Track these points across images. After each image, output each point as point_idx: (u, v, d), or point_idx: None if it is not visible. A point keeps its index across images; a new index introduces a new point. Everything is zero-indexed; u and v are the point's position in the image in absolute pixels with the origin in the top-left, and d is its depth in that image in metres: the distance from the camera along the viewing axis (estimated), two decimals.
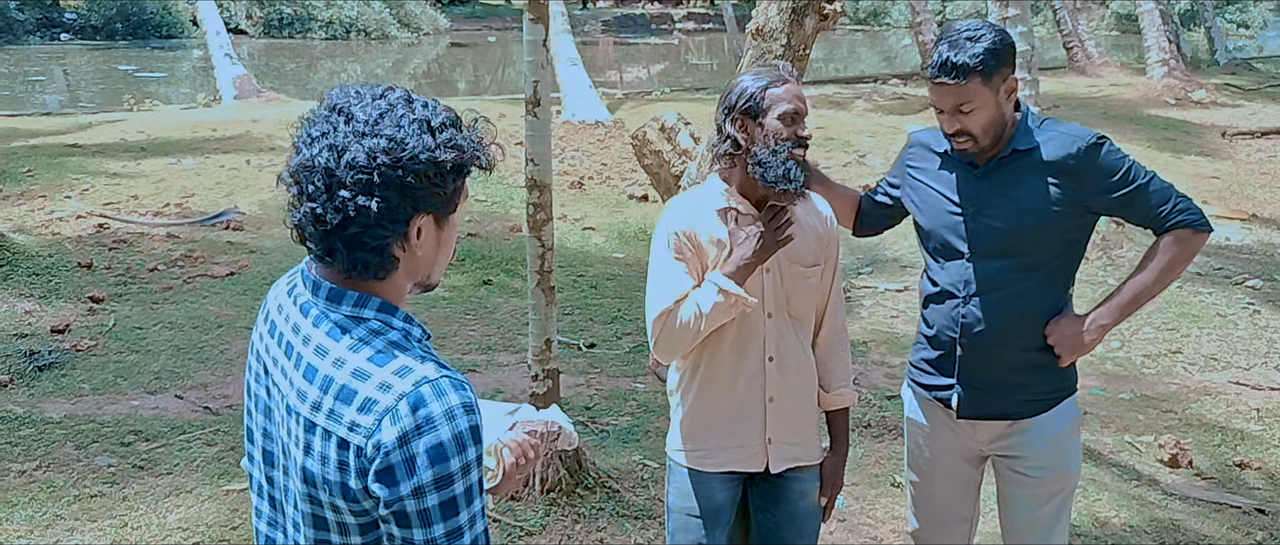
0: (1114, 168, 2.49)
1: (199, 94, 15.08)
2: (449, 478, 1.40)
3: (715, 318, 2.44)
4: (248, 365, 1.66)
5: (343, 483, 1.43)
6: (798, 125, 2.47)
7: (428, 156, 1.43)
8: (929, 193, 2.68)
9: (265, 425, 1.59)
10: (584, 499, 4.04)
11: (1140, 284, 2.57)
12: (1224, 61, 19.04)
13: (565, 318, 6.14)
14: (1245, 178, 10.40)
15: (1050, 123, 2.57)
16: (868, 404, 5.13)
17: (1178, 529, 4.05)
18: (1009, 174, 2.54)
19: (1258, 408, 5.21)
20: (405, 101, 1.47)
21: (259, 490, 1.63)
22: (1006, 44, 2.48)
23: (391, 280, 1.51)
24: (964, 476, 2.80)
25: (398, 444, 1.38)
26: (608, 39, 28.74)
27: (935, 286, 2.69)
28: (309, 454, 1.45)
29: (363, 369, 1.43)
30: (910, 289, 7.02)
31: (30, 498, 4.05)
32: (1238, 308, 6.53)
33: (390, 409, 1.39)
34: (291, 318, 1.54)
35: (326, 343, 1.47)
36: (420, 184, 1.43)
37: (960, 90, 2.45)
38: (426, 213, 1.47)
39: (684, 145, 6.02)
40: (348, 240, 1.43)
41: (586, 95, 12.70)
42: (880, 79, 17.84)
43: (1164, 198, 2.51)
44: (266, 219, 8.18)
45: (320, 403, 1.44)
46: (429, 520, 1.40)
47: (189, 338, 5.80)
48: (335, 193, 1.41)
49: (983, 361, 2.61)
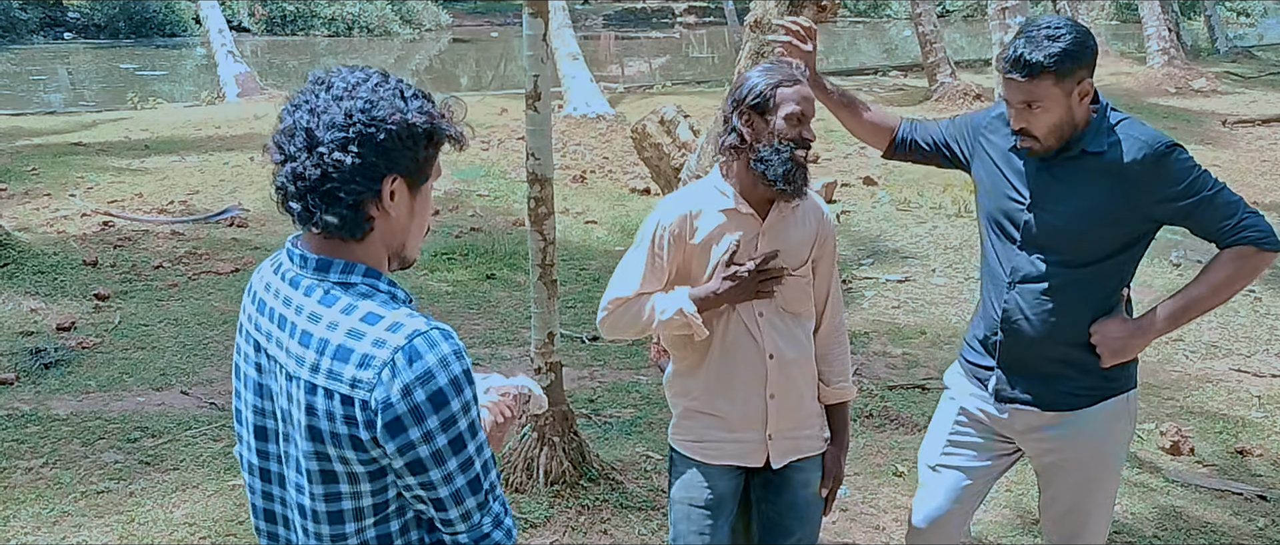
0: (1179, 178, 2.43)
1: (202, 92, 15.10)
2: (452, 419, 1.52)
3: (666, 328, 2.53)
4: (236, 348, 1.72)
5: (352, 435, 1.52)
6: (803, 127, 2.48)
7: (400, 117, 1.54)
8: (994, 171, 2.64)
9: (256, 403, 1.65)
10: (587, 491, 4.06)
11: (1193, 296, 2.52)
12: (1224, 50, 18.98)
13: (568, 311, 6.16)
14: (1246, 165, 10.40)
15: (1127, 124, 2.50)
16: (869, 394, 5.14)
17: (1179, 516, 4.07)
18: (1074, 173, 2.49)
19: (1259, 395, 5.22)
20: (381, 76, 1.58)
21: (251, 469, 1.70)
22: (1086, 46, 2.42)
23: (370, 246, 1.60)
24: (985, 462, 2.76)
25: (401, 395, 1.48)
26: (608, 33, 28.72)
27: (986, 262, 2.68)
28: (313, 415, 1.54)
29: (356, 329, 1.53)
30: (911, 280, 7.03)
31: (37, 494, 4.08)
32: (1239, 296, 6.52)
33: (387, 362, 1.49)
34: (281, 293, 1.62)
35: (318, 309, 1.56)
36: (393, 144, 1.54)
37: (1031, 88, 2.40)
38: (399, 175, 1.56)
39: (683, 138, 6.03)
40: (325, 195, 1.53)
41: (587, 89, 12.70)
42: (880, 71, 17.84)
43: (1229, 212, 2.44)
44: (270, 216, 8.20)
45: (319, 364, 1.53)
46: (443, 458, 1.53)
47: (194, 334, 5.83)
48: (314, 150, 1.52)
49: (1023, 350, 2.59)
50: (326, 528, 1.60)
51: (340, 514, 1.59)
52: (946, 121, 2.86)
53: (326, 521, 1.60)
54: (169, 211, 8.23)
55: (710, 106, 8.56)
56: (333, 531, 1.61)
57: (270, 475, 1.67)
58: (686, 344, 2.60)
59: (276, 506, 1.69)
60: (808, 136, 2.50)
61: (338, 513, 1.59)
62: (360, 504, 1.59)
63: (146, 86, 16.70)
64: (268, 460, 1.67)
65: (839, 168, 9.52)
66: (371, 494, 1.59)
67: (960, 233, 7.88)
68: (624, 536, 3.86)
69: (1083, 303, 2.54)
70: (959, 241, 7.69)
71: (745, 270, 2.48)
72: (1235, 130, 12.15)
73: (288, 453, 1.62)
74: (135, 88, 15.27)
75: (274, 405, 1.63)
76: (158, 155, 10.07)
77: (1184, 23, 18.00)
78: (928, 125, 2.87)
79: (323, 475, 1.57)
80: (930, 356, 5.73)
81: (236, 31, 20.05)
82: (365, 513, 1.60)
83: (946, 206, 8.45)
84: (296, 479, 1.61)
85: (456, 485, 1.55)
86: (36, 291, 6.36)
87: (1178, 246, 7.11)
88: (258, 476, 1.69)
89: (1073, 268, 2.52)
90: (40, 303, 6.19)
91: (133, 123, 11.97)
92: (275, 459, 1.65)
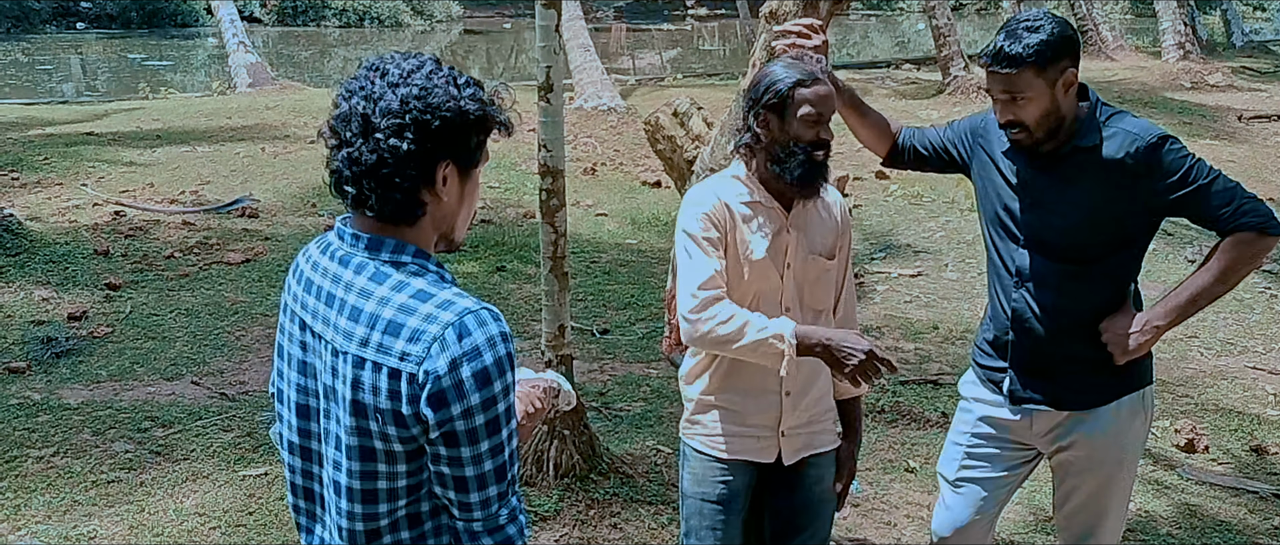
0: (1174, 168, 2.43)
1: (214, 82, 15.13)
2: (493, 399, 1.54)
3: (751, 351, 2.39)
4: (279, 328, 1.75)
5: (395, 410, 1.55)
6: (820, 128, 2.44)
7: (454, 104, 1.57)
8: (992, 173, 2.65)
9: (299, 381, 1.68)
10: (598, 484, 4.05)
11: (1198, 286, 2.50)
12: (1240, 44, 18.86)
13: (578, 304, 6.15)
14: (1262, 161, 10.32)
15: (1118, 118, 2.51)
16: (881, 390, 5.11)
17: (1195, 514, 4.04)
18: (1069, 170, 2.50)
19: (1274, 392, 5.18)
20: (434, 63, 1.62)
21: (291, 448, 1.73)
22: (1065, 37, 2.44)
23: (421, 228, 1.64)
24: (1003, 472, 2.73)
25: (448, 369, 1.52)
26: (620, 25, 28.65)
27: (991, 264, 2.67)
28: (359, 389, 1.57)
29: (408, 304, 1.56)
30: (924, 275, 7.00)
31: (48, 483, 4.09)
32: (1254, 292, 6.49)
33: (438, 337, 1.53)
34: (330, 271, 1.65)
35: (369, 286, 1.59)
36: (447, 131, 1.57)
37: (1012, 79, 2.43)
38: (451, 162, 1.60)
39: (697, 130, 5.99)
40: (381, 180, 1.56)
41: (599, 81, 12.67)
42: (893, 64, 17.75)
43: (1226, 199, 2.44)
44: (281, 206, 8.20)
45: (368, 338, 1.56)
46: (476, 438, 1.55)
47: (205, 324, 5.83)
48: (370, 136, 1.55)
49: (1034, 349, 2.58)
50: (360, 506, 1.62)
51: (375, 493, 1.61)
52: (944, 127, 2.87)
53: (360, 500, 1.62)
54: (180, 201, 8.23)
55: (723, 99, 8.52)
56: (365, 510, 1.62)
57: (311, 454, 1.70)
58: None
59: (315, 485, 1.72)
60: (825, 137, 2.46)
61: (372, 492, 1.61)
62: (395, 485, 1.61)
63: (158, 76, 16.73)
64: (309, 439, 1.69)
65: (851, 162, 9.46)
66: (407, 476, 1.61)
67: (973, 227, 7.83)
68: (634, 531, 3.84)
69: (1091, 299, 2.53)
70: (972, 236, 7.64)
71: (863, 350, 2.33)
72: (1251, 126, 12.06)
73: (328, 430, 1.65)
74: (147, 78, 15.30)
75: (317, 383, 1.65)
76: (169, 145, 10.08)
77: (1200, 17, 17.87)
78: (926, 131, 2.87)
79: (361, 452, 1.59)
80: (943, 352, 5.70)
81: (248, 22, 20.06)
82: (398, 493, 1.61)
83: (960, 201, 8.41)
84: (335, 456, 1.63)
85: (484, 468, 1.57)
86: (48, 281, 6.37)
87: (1193, 243, 7.05)
88: (298, 455, 1.72)
89: (1078, 264, 2.51)
90: (51, 292, 6.20)
91: (144, 113, 11.99)
92: (316, 438, 1.68)
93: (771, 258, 2.51)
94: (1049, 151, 2.53)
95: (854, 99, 2.81)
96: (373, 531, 1.64)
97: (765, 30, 3.96)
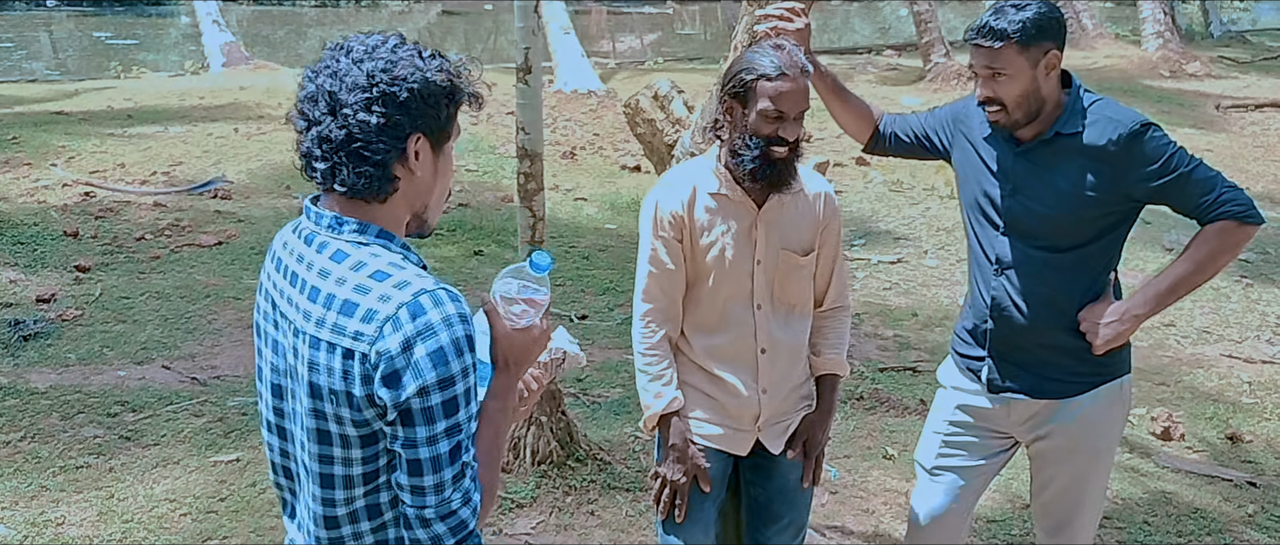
0: (1155, 156, 2.41)
1: (187, 62, 14.92)
2: (451, 379, 1.52)
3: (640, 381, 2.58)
4: (256, 307, 1.75)
5: (347, 392, 1.54)
6: (779, 125, 2.36)
7: (420, 75, 1.57)
8: (973, 159, 2.63)
9: (274, 361, 1.67)
10: (575, 471, 4.01)
11: (1178, 275, 2.49)
12: (1218, 34, 18.96)
13: (556, 289, 6.10)
14: (1239, 150, 10.37)
15: (1100, 104, 2.49)
16: (860, 376, 5.10)
17: (1170, 501, 4.05)
18: (1049, 157, 2.49)
19: (1250, 380, 5.20)
20: (398, 38, 1.63)
21: (269, 427, 1.72)
22: (1051, 17, 2.43)
23: (392, 206, 1.63)
24: (980, 462, 2.72)
25: (401, 349, 1.50)
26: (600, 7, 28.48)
27: (972, 251, 2.66)
28: (315, 369, 1.56)
29: (363, 284, 1.55)
30: (904, 262, 6.99)
31: (15, 469, 4.01)
32: (1230, 281, 6.52)
33: (391, 317, 1.51)
34: (296, 250, 1.65)
35: (329, 266, 1.59)
36: (415, 101, 1.57)
37: (994, 54, 2.42)
38: (422, 134, 1.60)
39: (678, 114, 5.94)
40: (351, 155, 1.56)
41: (579, 64, 12.58)
42: (875, 50, 17.74)
43: (1207, 187, 2.43)
44: (255, 188, 8.10)
45: (324, 319, 1.56)
46: (432, 418, 1.52)
47: (176, 307, 5.75)
48: (338, 112, 1.55)
49: (1013, 338, 2.58)
50: (319, 490, 1.62)
51: (331, 478, 1.60)
52: (925, 113, 2.85)
53: (319, 484, 1.61)
54: (151, 183, 8.11)
55: (703, 84, 8.48)
56: (324, 495, 1.62)
57: (287, 433, 1.69)
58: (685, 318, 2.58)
59: (293, 464, 1.71)
60: (785, 135, 2.37)
61: (330, 476, 1.60)
62: (350, 472, 1.59)
63: (130, 55, 16.50)
64: (284, 418, 1.69)
65: (831, 147, 9.45)
66: (361, 462, 1.59)
67: (953, 214, 7.83)
68: (611, 517, 3.81)
69: (1070, 287, 2.52)
70: (951, 223, 7.64)
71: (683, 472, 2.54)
72: (1229, 114, 12.12)
73: (295, 410, 1.64)
74: (119, 57, 15.09)
75: (286, 362, 1.65)
76: (141, 125, 9.93)
77: (1179, 6, 17.94)
78: (907, 118, 2.85)
79: (319, 435, 1.59)
80: (922, 339, 5.69)
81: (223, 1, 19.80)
82: (354, 481, 1.60)
83: (940, 187, 8.41)
84: (300, 437, 1.63)
85: (439, 450, 1.54)
86: (16, 262, 6.25)
87: (1171, 230, 7.07)
88: (276, 434, 1.71)
89: (1058, 252, 2.50)
90: (19, 274, 6.09)
91: (116, 92, 11.81)
92: (289, 417, 1.68)
93: (738, 256, 2.47)
94: (1030, 137, 2.51)
95: (835, 84, 2.77)
96: (331, 519, 1.62)
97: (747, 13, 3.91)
